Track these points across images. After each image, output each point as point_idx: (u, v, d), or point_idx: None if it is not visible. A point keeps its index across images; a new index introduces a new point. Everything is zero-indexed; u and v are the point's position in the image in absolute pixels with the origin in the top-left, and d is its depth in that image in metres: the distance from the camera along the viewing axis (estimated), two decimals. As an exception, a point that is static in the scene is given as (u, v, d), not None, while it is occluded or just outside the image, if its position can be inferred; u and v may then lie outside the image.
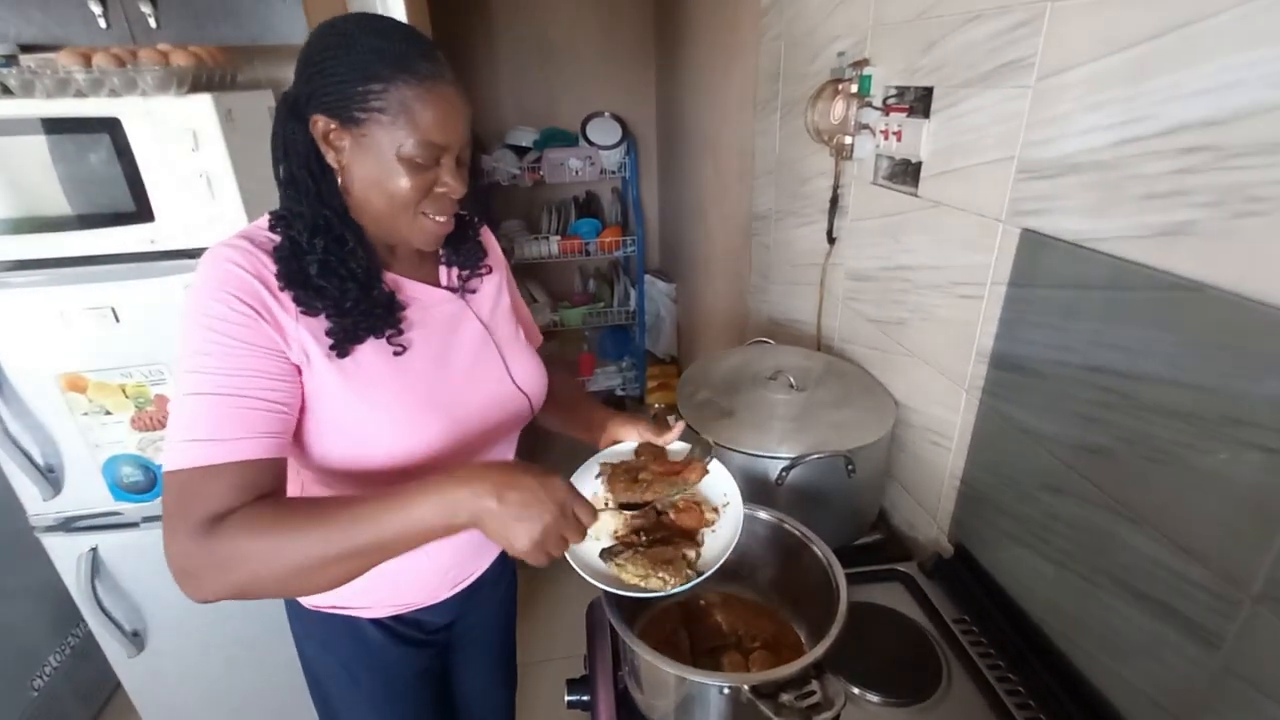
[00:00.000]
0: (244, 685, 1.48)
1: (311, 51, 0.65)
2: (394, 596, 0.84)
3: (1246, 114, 0.51)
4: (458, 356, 0.78)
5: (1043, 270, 0.73)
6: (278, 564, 0.57)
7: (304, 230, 0.66)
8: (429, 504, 0.57)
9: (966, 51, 0.83)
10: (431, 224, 0.70)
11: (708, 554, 0.70)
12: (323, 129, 0.65)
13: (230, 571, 0.57)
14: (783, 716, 0.58)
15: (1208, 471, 0.55)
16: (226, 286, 0.62)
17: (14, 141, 1.08)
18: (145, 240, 1.16)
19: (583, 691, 0.83)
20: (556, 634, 2.01)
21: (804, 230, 1.41)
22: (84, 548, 1.30)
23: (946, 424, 0.94)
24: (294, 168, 0.67)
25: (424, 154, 0.65)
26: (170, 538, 0.58)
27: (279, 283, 0.65)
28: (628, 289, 3.14)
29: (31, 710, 1.53)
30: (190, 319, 0.62)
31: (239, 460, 0.59)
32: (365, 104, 0.63)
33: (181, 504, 0.58)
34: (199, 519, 0.57)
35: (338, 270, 0.67)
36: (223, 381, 0.61)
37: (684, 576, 0.65)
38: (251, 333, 0.62)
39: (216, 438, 0.59)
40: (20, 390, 1.18)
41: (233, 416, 0.60)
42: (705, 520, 0.74)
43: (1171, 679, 0.60)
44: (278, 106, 0.68)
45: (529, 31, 2.85)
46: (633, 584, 0.66)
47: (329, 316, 0.67)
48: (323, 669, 0.88)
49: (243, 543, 0.57)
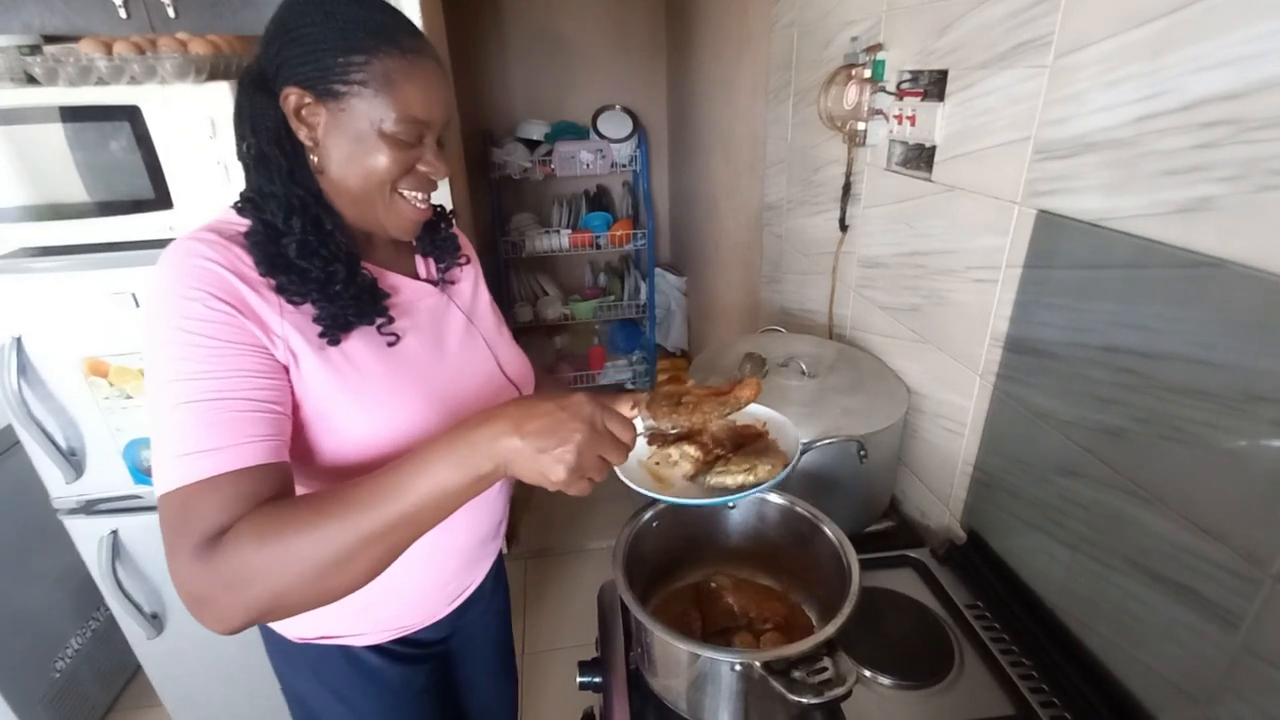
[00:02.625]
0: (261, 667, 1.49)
1: (285, 20, 0.61)
2: (391, 620, 0.79)
3: (1268, 85, 0.50)
4: (448, 349, 0.75)
5: (1059, 251, 0.73)
6: (295, 569, 0.50)
7: (278, 210, 0.61)
8: (449, 460, 0.52)
9: (983, 32, 0.82)
10: (409, 208, 0.66)
11: (784, 444, 0.68)
12: (295, 103, 0.60)
13: (244, 590, 0.50)
14: (795, 693, 0.58)
15: (1228, 450, 0.55)
16: (199, 284, 0.57)
17: (38, 130, 1.10)
18: (164, 227, 1.17)
19: (594, 673, 0.83)
20: (565, 622, 2.02)
21: (816, 219, 1.41)
22: (105, 530, 1.32)
23: (959, 409, 0.93)
24: (263, 144, 0.61)
25: (406, 130, 0.62)
26: (174, 565, 0.51)
27: (259, 269, 0.60)
28: (638, 282, 3.15)
29: (53, 692, 1.56)
30: (161, 323, 0.56)
31: (239, 468, 0.53)
32: (346, 76, 0.59)
33: (178, 526, 0.51)
34: (200, 540, 0.51)
35: (318, 250, 0.62)
36: (209, 386, 0.54)
37: (784, 459, 0.65)
38: (233, 330, 0.57)
39: (211, 447, 0.53)
40: (43, 374, 1.21)
41: (226, 422, 0.54)
42: (760, 430, 0.72)
43: (1188, 660, 0.60)
44: (241, 79, 0.63)
45: (540, 24, 2.86)
46: (739, 484, 0.64)
47: (315, 302, 0.62)
48: (317, 704, 0.82)
49: (249, 554, 0.50)
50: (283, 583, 0.50)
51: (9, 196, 1.13)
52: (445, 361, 0.74)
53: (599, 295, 3.21)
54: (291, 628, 0.78)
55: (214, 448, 0.53)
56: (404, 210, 0.66)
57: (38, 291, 1.16)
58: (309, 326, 0.62)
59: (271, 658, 0.84)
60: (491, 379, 0.80)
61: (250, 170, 0.63)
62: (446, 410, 0.70)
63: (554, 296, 3.12)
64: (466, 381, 0.75)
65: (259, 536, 0.51)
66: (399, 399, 0.67)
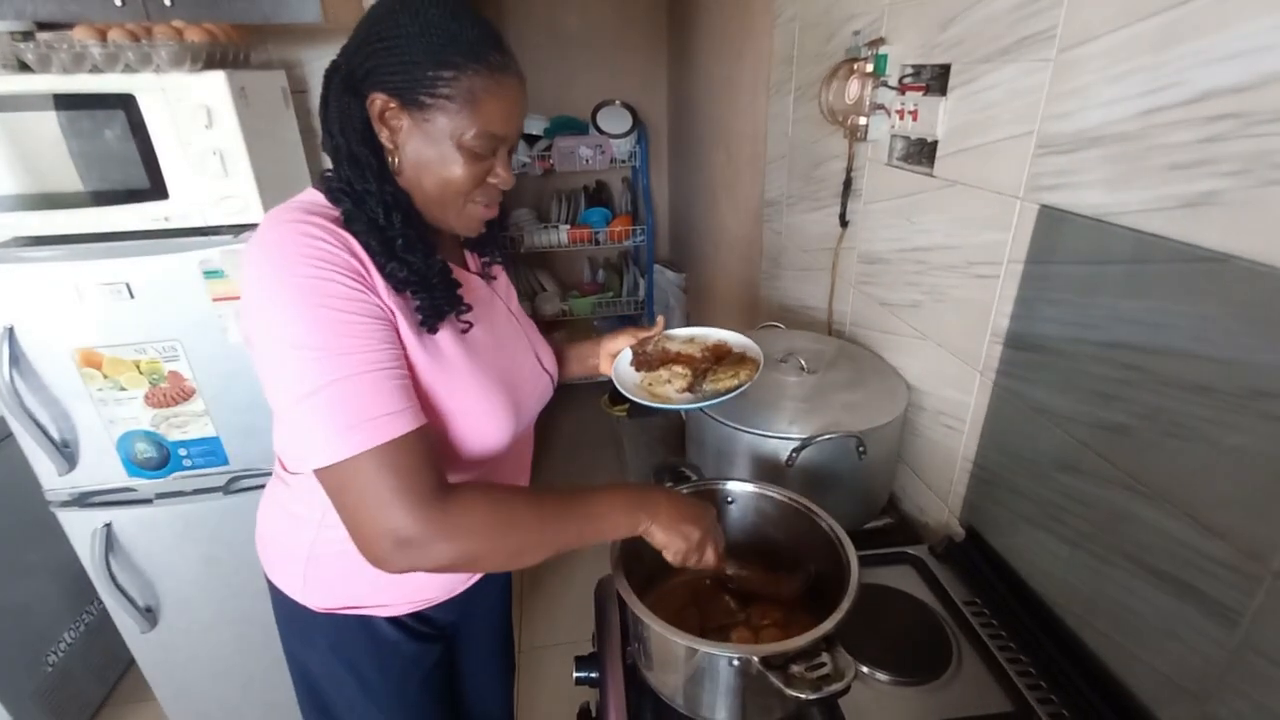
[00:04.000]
0: (254, 661, 1.50)
1: (379, 25, 0.62)
2: (415, 592, 0.82)
3: (1275, 79, 0.50)
4: (501, 340, 0.80)
5: (1061, 246, 0.72)
6: (502, 543, 0.62)
7: (377, 207, 0.64)
8: (619, 506, 0.67)
9: (986, 26, 0.81)
10: (480, 210, 0.71)
11: (751, 354, 0.89)
12: (380, 107, 0.63)
13: (461, 541, 0.60)
14: (793, 688, 0.57)
15: (1230, 446, 0.54)
16: (325, 262, 0.60)
17: (30, 117, 1.09)
18: (159, 218, 1.16)
19: (591, 668, 0.83)
20: (561, 618, 2.02)
21: (816, 215, 1.40)
22: (98, 523, 1.31)
23: (959, 406, 0.93)
24: (352, 144, 0.64)
25: (483, 145, 0.65)
26: (388, 515, 0.58)
27: (370, 257, 0.64)
28: (637, 278, 3.14)
29: (46, 686, 1.55)
30: (294, 302, 0.58)
31: (414, 429, 0.60)
32: (433, 90, 0.62)
33: (392, 479, 0.58)
34: (425, 489, 0.59)
35: (417, 246, 0.66)
36: (367, 359, 0.59)
37: (756, 365, 0.86)
38: (368, 305, 0.61)
39: (389, 412, 0.59)
40: (36, 365, 1.20)
41: (390, 390, 0.60)
42: (728, 346, 0.93)
43: (1188, 657, 0.60)
44: (329, 76, 0.66)
45: (540, 19, 2.85)
46: (729, 385, 0.83)
47: (415, 293, 0.66)
48: (326, 677, 0.84)
49: (479, 517, 0.60)
50: (488, 548, 0.62)
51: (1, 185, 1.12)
52: (502, 350, 0.79)
53: (598, 291, 3.20)
54: (321, 598, 0.79)
55: (390, 412, 0.59)
56: (475, 214, 0.71)
57: (31, 281, 1.15)
58: (407, 312, 0.66)
59: (282, 631, 0.86)
60: (534, 368, 0.84)
61: (340, 165, 0.66)
62: (515, 397, 0.76)
63: (552, 292, 3.12)
64: (517, 370, 0.81)
65: (492, 506, 0.62)
66: (477, 382, 0.72)
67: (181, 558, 1.38)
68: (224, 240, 1.18)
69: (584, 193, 3.06)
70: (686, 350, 0.92)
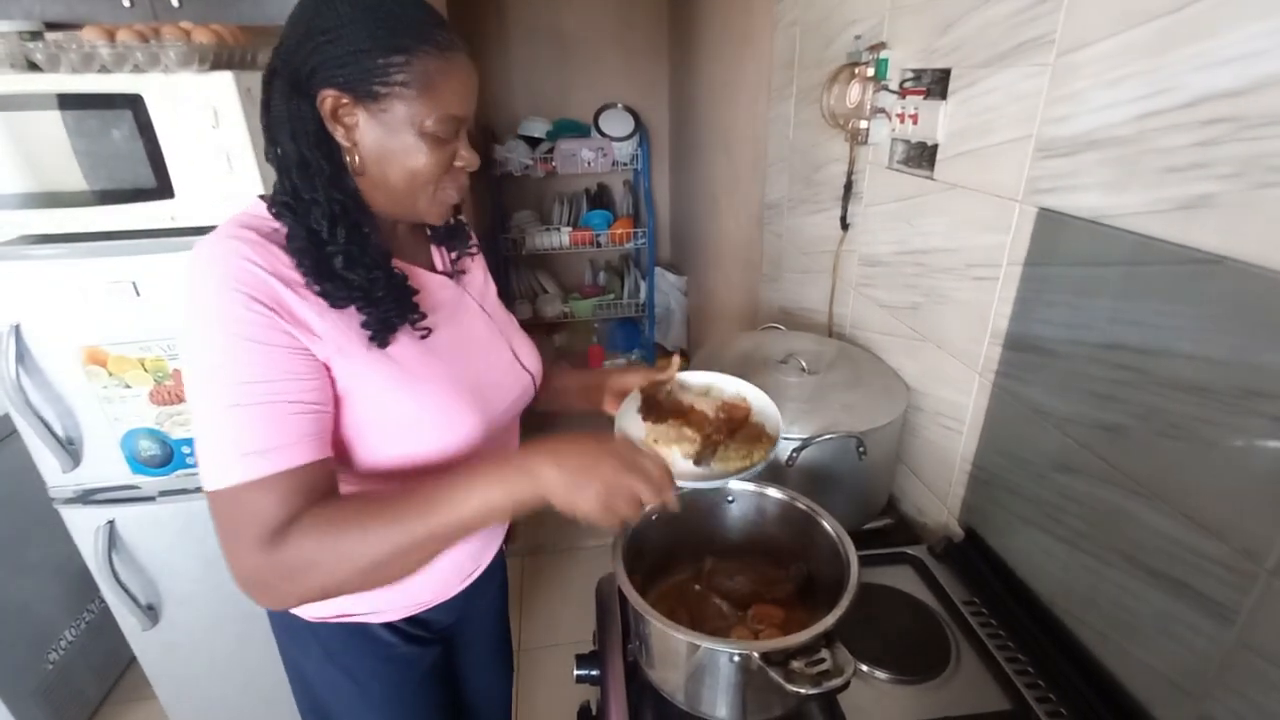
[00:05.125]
0: (255, 659, 1.50)
1: (316, 19, 0.59)
2: (408, 597, 0.80)
3: (1269, 83, 0.50)
4: (470, 340, 0.77)
5: (1060, 249, 0.73)
6: (349, 565, 0.57)
7: (322, 219, 0.61)
8: (495, 483, 0.59)
9: (985, 30, 0.82)
10: (450, 195, 0.69)
11: (767, 421, 0.80)
12: (332, 105, 0.59)
13: (303, 579, 0.57)
14: (793, 683, 0.58)
15: (1225, 445, 0.55)
16: (242, 286, 0.58)
17: (37, 117, 1.09)
18: (166, 217, 1.17)
19: (591, 666, 0.84)
20: (561, 620, 2.02)
21: (817, 218, 1.41)
22: (101, 520, 1.32)
23: (958, 407, 0.93)
24: (303, 149, 0.61)
25: (445, 128, 0.63)
26: (234, 555, 0.57)
27: (306, 278, 0.61)
28: (638, 281, 3.15)
29: (47, 683, 1.55)
30: (207, 322, 0.57)
31: (293, 466, 0.58)
32: (387, 77, 0.59)
33: (240, 520, 0.57)
34: (263, 533, 0.56)
35: (361, 260, 0.63)
36: (260, 389, 0.57)
37: (772, 440, 0.76)
38: (277, 334, 0.59)
39: (265, 448, 0.57)
40: (42, 362, 1.20)
41: (277, 424, 0.57)
42: (744, 407, 0.83)
43: (1184, 655, 0.60)
44: (272, 81, 0.61)
45: (543, 21, 2.86)
46: (738, 466, 0.74)
47: (360, 309, 0.63)
48: (324, 683, 0.82)
49: (310, 549, 0.57)
50: (338, 576, 0.58)
51: (9, 183, 1.13)
52: (470, 352, 0.75)
53: (598, 293, 3.21)
54: (310, 609, 0.78)
55: (270, 448, 0.57)
56: (445, 199, 0.68)
57: (37, 279, 1.15)
58: (353, 327, 0.64)
59: (279, 638, 0.84)
60: (510, 368, 0.81)
61: (287, 174, 0.62)
62: (482, 400, 0.73)
63: (553, 294, 3.13)
64: (490, 372, 0.78)
65: (322, 533, 0.57)
66: (440, 391, 0.69)
67: (184, 555, 1.38)
68: (229, 240, 1.19)
69: (585, 195, 3.07)
70: (700, 405, 0.83)
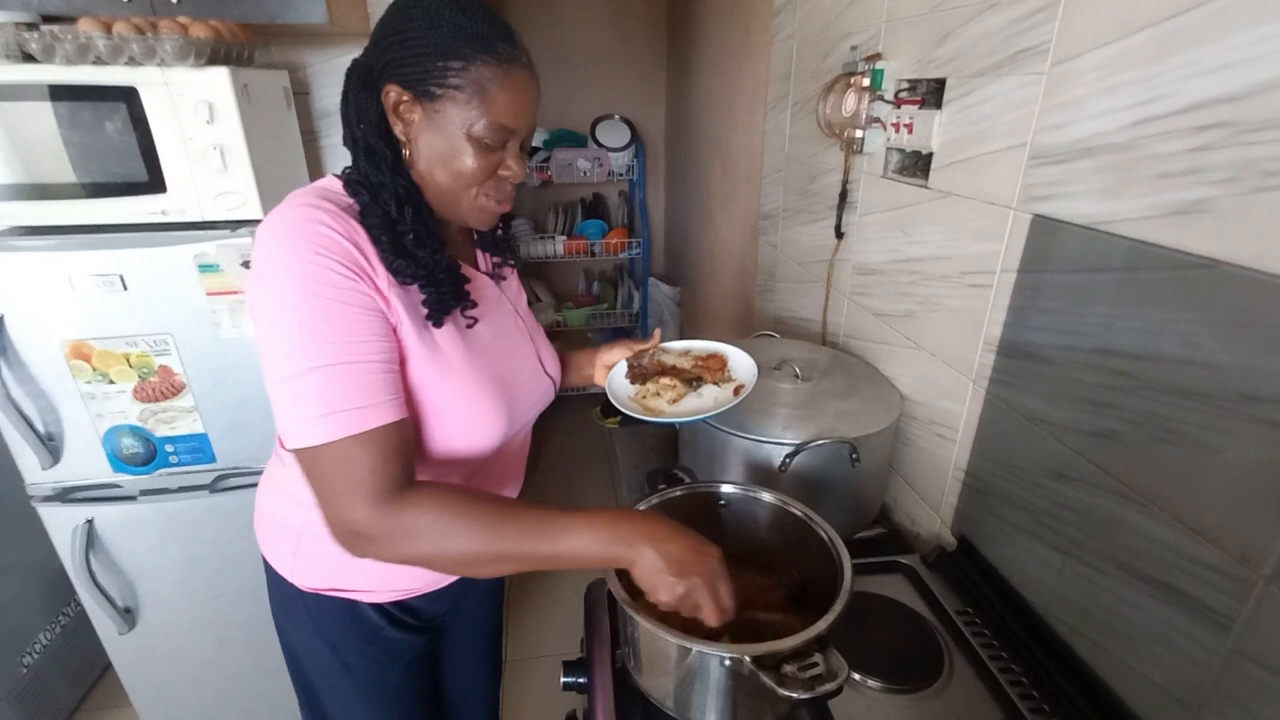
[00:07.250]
0: (234, 666, 1.47)
1: (394, 20, 0.65)
2: (398, 580, 0.82)
3: (1263, 89, 0.51)
4: (505, 339, 0.80)
5: (1054, 255, 0.73)
6: (453, 549, 0.60)
7: (390, 200, 0.66)
8: (597, 537, 0.61)
9: (981, 40, 0.83)
10: (491, 204, 0.71)
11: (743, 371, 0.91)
12: (394, 100, 0.65)
13: (409, 543, 0.60)
14: (786, 688, 0.57)
15: (1221, 451, 0.55)
16: (326, 250, 0.61)
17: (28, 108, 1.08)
18: (156, 211, 1.16)
19: (579, 673, 0.82)
20: (548, 630, 1.99)
21: (811, 227, 1.42)
22: (80, 519, 1.29)
23: (952, 415, 0.93)
24: (369, 137, 0.66)
25: (493, 136, 0.66)
26: (338, 507, 0.60)
27: (381, 253, 0.65)
28: (631, 291, 3.15)
29: (20, 687, 1.51)
30: (293, 284, 0.60)
31: (388, 423, 0.61)
32: (443, 80, 0.63)
33: (348, 473, 0.59)
34: (381, 487, 0.59)
35: (426, 241, 0.67)
36: (354, 349, 0.61)
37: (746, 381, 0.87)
38: (362, 296, 0.62)
39: (363, 405, 0.60)
40: (24, 356, 1.18)
41: (369, 382, 0.61)
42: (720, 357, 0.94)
43: (1180, 665, 0.59)
44: (349, 73, 0.68)
45: (542, 33, 2.89)
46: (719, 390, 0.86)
47: (423, 287, 0.67)
48: (310, 655, 0.85)
49: (428, 520, 0.60)
50: (437, 552, 0.61)
51: (-1, 174, 1.12)
52: (504, 351, 0.79)
53: (592, 303, 3.21)
54: (304, 577, 0.80)
55: (368, 404, 0.60)
56: (486, 206, 0.72)
57: (23, 270, 1.14)
58: (411, 304, 0.67)
59: (273, 606, 0.86)
60: (535, 371, 0.85)
61: (359, 158, 0.68)
62: (505, 397, 0.76)
63: (547, 303, 3.12)
64: (519, 373, 0.81)
65: (438, 511, 0.60)
66: (472, 379, 0.72)
67: (164, 557, 1.36)
68: (220, 235, 1.18)
69: (581, 205, 3.08)
70: (680, 363, 0.93)
